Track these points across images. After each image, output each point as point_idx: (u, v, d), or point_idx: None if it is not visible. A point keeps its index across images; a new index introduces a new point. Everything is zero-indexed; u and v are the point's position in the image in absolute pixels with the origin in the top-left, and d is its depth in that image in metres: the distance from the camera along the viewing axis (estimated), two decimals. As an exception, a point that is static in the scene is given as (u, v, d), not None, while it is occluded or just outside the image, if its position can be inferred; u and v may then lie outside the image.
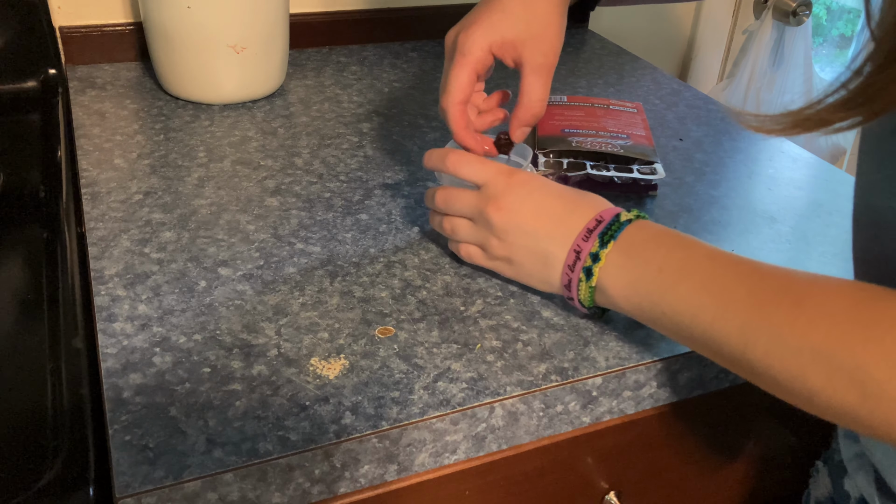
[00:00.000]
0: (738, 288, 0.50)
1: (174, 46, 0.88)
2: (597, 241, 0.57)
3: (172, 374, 0.55)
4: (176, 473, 0.48)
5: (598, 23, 1.29)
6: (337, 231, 0.71)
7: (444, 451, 0.56)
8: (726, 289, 0.50)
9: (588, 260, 0.57)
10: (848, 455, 0.62)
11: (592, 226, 0.58)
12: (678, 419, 0.67)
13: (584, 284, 0.58)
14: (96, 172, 0.77)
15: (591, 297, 0.58)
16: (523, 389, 0.56)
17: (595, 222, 0.58)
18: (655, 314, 0.55)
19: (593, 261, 0.57)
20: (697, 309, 0.51)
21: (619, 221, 0.58)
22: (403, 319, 0.61)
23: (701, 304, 0.51)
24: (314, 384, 0.55)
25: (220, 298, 0.62)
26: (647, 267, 0.55)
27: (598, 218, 0.59)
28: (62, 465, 0.49)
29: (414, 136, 0.89)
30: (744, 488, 0.78)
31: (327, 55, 1.09)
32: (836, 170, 0.92)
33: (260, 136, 0.87)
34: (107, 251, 0.66)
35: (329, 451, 0.51)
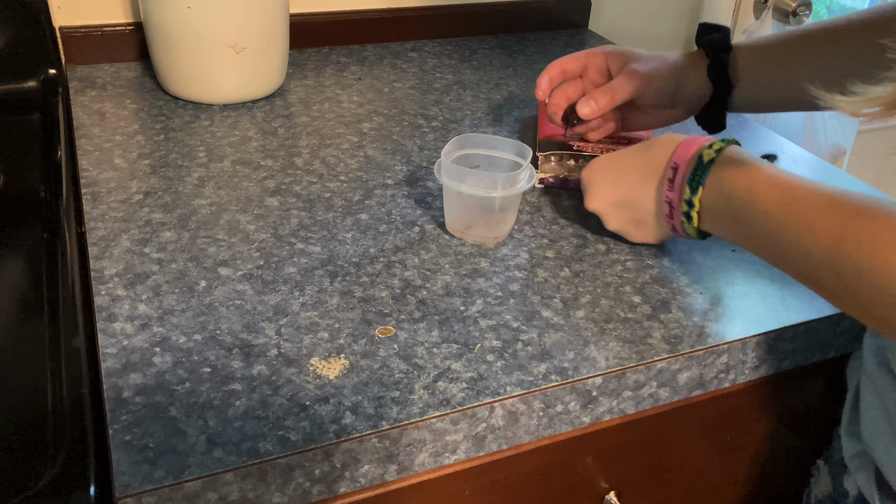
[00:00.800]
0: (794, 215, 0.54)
1: (174, 46, 0.88)
2: (687, 188, 0.61)
3: (172, 373, 0.55)
4: (176, 473, 0.48)
5: (598, 23, 1.29)
6: (337, 231, 0.71)
7: (444, 451, 0.56)
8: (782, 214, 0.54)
9: (684, 206, 0.62)
10: (849, 453, 0.62)
11: (671, 175, 0.63)
12: (678, 419, 0.67)
13: (688, 225, 0.63)
14: (96, 172, 0.77)
15: (696, 233, 0.64)
16: (523, 389, 0.56)
17: (671, 171, 0.63)
18: (737, 238, 0.60)
19: (689, 206, 0.61)
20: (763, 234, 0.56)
21: (702, 164, 0.60)
22: (403, 319, 0.61)
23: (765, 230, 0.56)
24: (314, 384, 0.55)
25: (220, 298, 0.62)
26: (720, 197, 0.59)
27: (672, 166, 0.62)
28: (62, 465, 0.49)
29: (414, 136, 0.89)
30: (744, 488, 0.78)
31: (327, 55, 1.09)
32: (836, 170, 0.92)
33: (260, 136, 0.87)
34: (107, 251, 0.66)
35: (329, 451, 0.51)
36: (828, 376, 0.73)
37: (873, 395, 0.59)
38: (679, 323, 0.64)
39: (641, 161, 0.67)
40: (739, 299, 0.67)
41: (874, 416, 0.59)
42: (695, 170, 0.61)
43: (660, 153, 0.65)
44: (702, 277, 0.69)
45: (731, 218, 0.59)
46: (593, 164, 0.70)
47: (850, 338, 0.70)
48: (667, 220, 0.65)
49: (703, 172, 0.60)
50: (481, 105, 0.97)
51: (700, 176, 0.61)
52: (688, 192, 0.61)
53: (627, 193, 0.67)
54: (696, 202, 0.61)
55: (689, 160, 0.62)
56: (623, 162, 0.68)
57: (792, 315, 0.66)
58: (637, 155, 0.67)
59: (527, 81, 1.05)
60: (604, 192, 0.69)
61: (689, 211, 0.62)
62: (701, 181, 0.60)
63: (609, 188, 0.68)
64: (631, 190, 0.67)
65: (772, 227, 0.55)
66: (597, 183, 0.69)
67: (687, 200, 0.62)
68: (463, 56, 1.12)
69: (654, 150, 0.66)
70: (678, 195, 0.63)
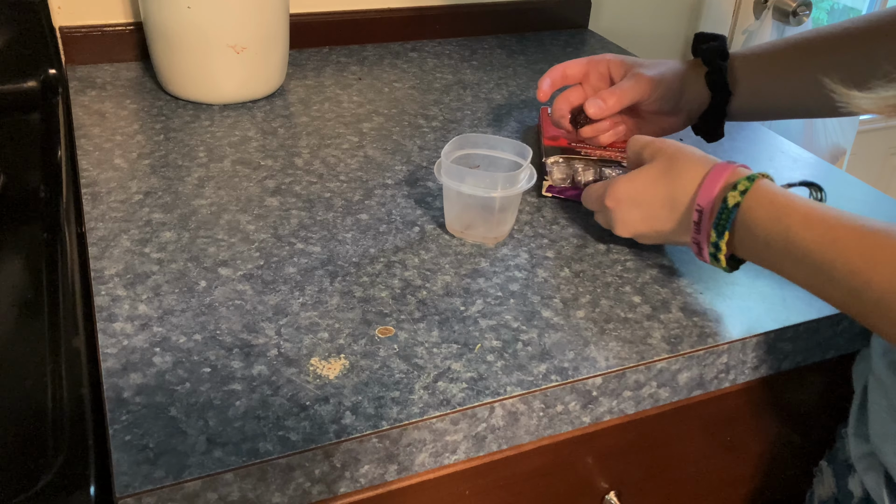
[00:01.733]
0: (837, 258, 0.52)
1: (174, 46, 0.88)
2: (713, 232, 0.60)
3: (172, 374, 0.55)
4: (176, 473, 0.48)
5: (598, 23, 1.29)
6: (337, 231, 0.71)
7: (444, 451, 0.56)
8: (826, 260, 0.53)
9: (711, 248, 0.61)
10: (857, 454, 0.62)
11: (696, 218, 0.61)
12: (678, 419, 0.67)
13: (717, 263, 0.62)
14: (96, 172, 0.77)
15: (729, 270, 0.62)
16: (523, 389, 0.56)
17: (696, 214, 0.61)
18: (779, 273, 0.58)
19: (716, 249, 0.60)
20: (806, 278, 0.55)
21: (727, 209, 0.58)
22: (403, 319, 0.61)
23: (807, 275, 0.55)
24: (314, 384, 0.55)
25: (220, 298, 0.62)
26: (755, 244, 0.58)
27: (697, 209, 0.61)
28: (62, 465, 0.49)
29: (414, 136, 0.89)
30: (744, 488, 0.78)
31: (327, 55, 1.09)
32: (836, 170, 0.92)
33: (260, 136, 0.87)
34: (107, 251, 0.66)
35: (329, 451, 0.51)
36: (828, 376, 0.73)
37: (882, 398, 0.59)
38: (679, 323, 0.64)
39: (667, 195, 0.64)
40: (739, 299, 0.67)
41: (883, 419, 0.59)
42: (720, 213, 0.59)
43: (685, 186, 0.62)
44: (702, 277, 0.69)
45: (768, 262, 0.58)
46: (616, 191, 0.66)
47: (850, 338, 0.70)
48: (697, 254, 0.63)
49: (729, 217, 0.58)
50: (481, 105, 0.97)
51: (725, 221, 0.58)
52: (714, 236, 0.60)
53: (657, 227, 0.65)
54: (723, 246, 0.59)
55: (712, 202, 0.60)
56: (649, 194, 0.65)
57: (792, 315, 0.66)
58: (662, 187, 0.64)
59: (527, 81, 1.05)
60: (632, 224, 0.67)
61: (717, 253, 0.60)
62: (727, 227, 0.58)
63: (636, 222, 0.66)
64: (660, 225, 0.65)
65: (815, 269, 0.53)
66: (622, 213, 0.67)
67: (713, 243, 0.60)
68: (463, 56, 1.12)
69: (680, 181, 0.63)
70: (705, 237, 0.61)
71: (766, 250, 0.57)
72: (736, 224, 0.58)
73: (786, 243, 0.55)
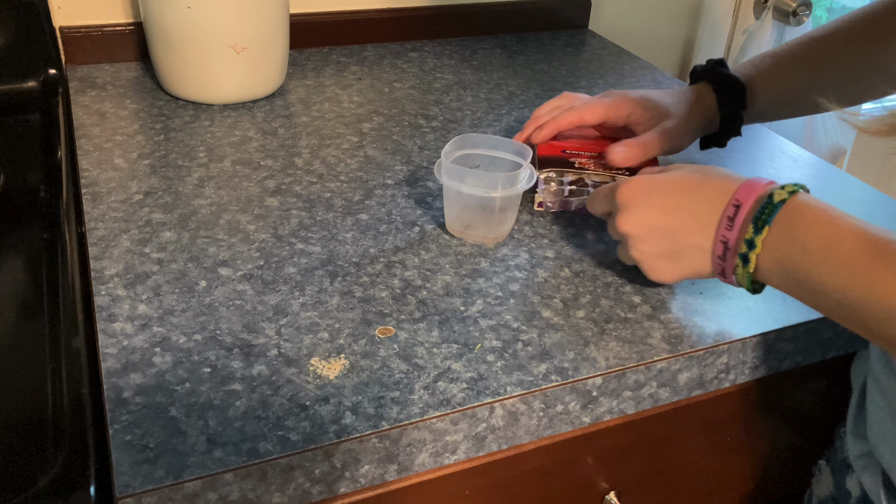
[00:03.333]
0: (884, 271, 0.49)
1: (174, 46, 0.88)
2: (750, 227, 0.55)
3: (172, 374, 0.55)
4: (176, 473, 0.48)
5: (598, 23, 1.29)
6: (337, 231, 0.71)
7: (445, 451, 0.56)
8: (871, 272, 0.49)
9: (743, 247, 0.56)
10: (855, 453, 0.62)
11: (731, 213, 0.57)
12: (678, 419, 0.67)
13: (742, 270, 0.57)
14: (96, 172, 0.77)
15: (750, 282, 0.58)
16: (523, 389, 0.56)
17: (733, 209, 0.57)
18: (803, 293, 0.54)
19: (749, 248, 0.56)
20: (842, 291, 0.51)
21: (772, 204, 0.55)
22: (403, 319, 0.61)
23: (845, 287, 0.51)
24: (314, 384, 0.55)
25: (220, 298, 0.62)
26: (793, 246, 0.54)
27: (734, 203, 0.57)
28: (62, 465, 0.49)
29: (414, 136, 0.89)
30: (744, 488, 0.78)
31: (327, 55, 1.09)
32: (836, 170, 0.92)
33: (260, 136, 0.87)
34: (107, 251, 0.66)
35: (329, 451, 0.51)
36: (828, 376, 0.73)
37: (880, 398, 0.59)
38: (679, 323, 0.64)
39: (697, 191, 0.60)
40: (739, 299, 0.67)
41: (881, 419, 0.59)
42: (763, 207, 0.55)
43: (720, 188, 0.59)
44: (702, 277, 0.69)
45: (801, 269, 0.53)
46: (635, 182, 0.62)
47: (850, 338, 0.70)
48: (717, 262, 0.59)
49: (773, 211, 0.54)
50: (481, 105, 0.97)
51: (769, 215, 0.55)
52: (751, 232, 0.55)
53: (674, 224, 0.60)
54: (759, 243, 0.55)
55: (755, 198, 0.56)
56: (676, 188, 0.61)
57: (792, 315, 0.66)
58: (693, 184, 0.60)
59: (527, 81, 1.05)
60: (646, 216, 0.61)
61: (749, 253, 0.56)
62: (768, 221, 0.54)
63: (653, 212, 0.61)
64: (680, 221, 0.60)
65: (854, 283, 0.50)
66: (638, 203, 0.61)
67: (748, 241, 0.55)
68: (463, 56, 1.12)
69: (713, 182, 0.59)
70: (737, 234, 0.56)
71: (802, 255, 0.53)
72: (776, 222, 0.55)
73: (827, 250, 0.52)
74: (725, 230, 0.57)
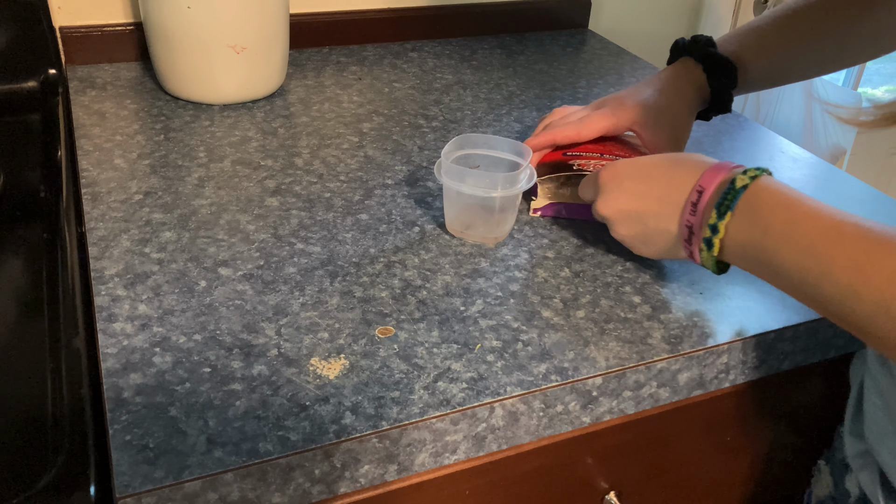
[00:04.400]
0: (840, 251, 0.50)
1: (174, 46, 0.88)
2: (714, 212, 0.57)
3: (172, 374, 0.55)
4: (176, 473, 0.48)
5: (598, 23, 1.29)
6: (337, 231, 0.71)
7: (445, 451, 0.56)
8: (827, 253, 0.51)
9: (707, 231, 0.58)
10: (852, 452, 0.62)
11: (695, 198, 0.58)
12: (678, 419, 0.67)
13: (707, 254, 0.59)
14: (96, 172, 0.77)
15: (714, 264, 0.59)
16: (523, 389, 0.56)
17: (696, 194, 0.58)
18: (766, 274, 0.56)
19: (713, 232, 0.57)
20: (802, 272, 0.52)
21: (734, 189, 0.56)
22: (403, 319, 0.61)
23: (805, 268, 0.52)
24: (314, 384, 0.55)
25: (220, 298, 0.62)
26: (753, 230, 0.55)
27: (698, 189, 0.58)
28: (62, 465, 0.49)
29: (414, 136, 0.89)
30: (744, 488, 0.78)
31: (327, 55, 1.09)
32: (836, 170, 0.92)
33: (260, 136, 0.87)
34: (107, 251, 0.66)
35: (329, 451, 0.51)
36: (828, 376, 0.73)
37: (877, 397, 0.59)
38: (679, 323, 0.64)
39: (666, 177, 0.62)
40: (739, 299, 0.67)
41: (878, 418, 0.59)
42: (725, 193, 0.56)
43: (687, 173, 0.60)
44: (702, 277, 0.69)
45: (763, 251, 0.55)
46: (615, 166, 0.65)
47: (850, 338, 0.70)
48: (684, 246, 0.61)
49: (735, 197, 0.56)
50: (481, 105, 0.97)
51: (731, 201, 0.56)
52: (714, 217, 0.57)
53: (644, 208, 0.63)
54: (722, 228, 0.56)
55: (717, 184, 0.58)
56: (647, 173, 0.63)
57: (792, 315, 0.66)
58: (662, 169, 0.63)
59: (527, 81, 1.05)
60: (619, 200, 0.64)
61: (712, 237, 0.57)
62: (731, 206, 0.56)
63: (626, 197, 0.63)
64: (648, 205, 0.62)
65: (812, 265, 0.51)
66: (613, 188, 0.64)
67: (712, 226, 0.57)
68: (463, 56, 1.12)
69: (682, 168, 0.61)
70: (700, 220, 0.58)
71: (763, 238, 0.55)
72: (738, 207, 0.56)
73: (787, 232, 0.53)
74: (689, 215, 0.59)
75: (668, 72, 0.79)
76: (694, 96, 0.78)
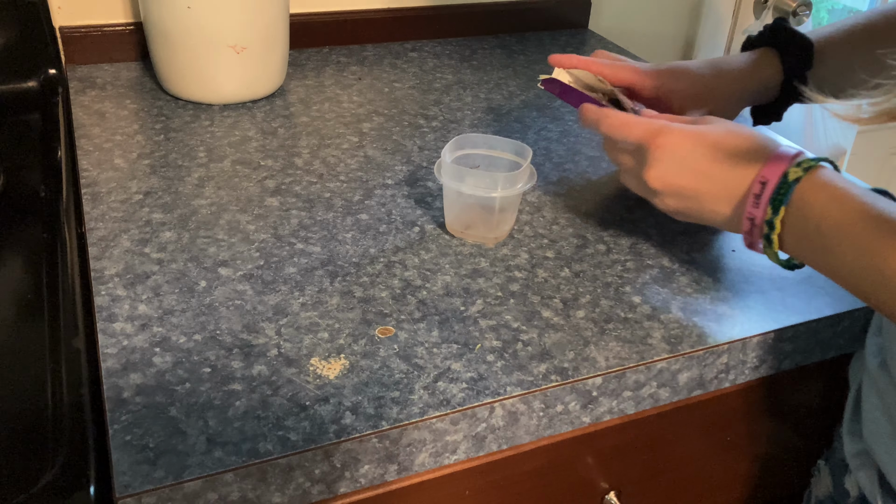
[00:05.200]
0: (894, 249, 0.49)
1: (174, 46, 0.88)
2: (769, 208, 0.56)
3: (172, 374, 0.55)
4: (176, 473, 0.48)
5: (598, 23, 1.29)
6: (337, 231, 0.71)
7: (445, 451, 0.56)
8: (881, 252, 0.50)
9: (765, 228, 0.56)
10: (850, 451, 0.62)
11: (758, 190, 0.56)
12: (678, 419, 0.67)
13: (770, 251, 0.57)
14: (96, 172, 0.77)
15: (779, 260, 0.58)
16: (523, 389, 0.56)
17: (759, 185, 0.56)
18: (824, 270, 0.55)
19: (769, 229, 0.56)
20: (857, 271, 0.51)
21: (787, 183, 0.55)
22: (403, 319, 0.61)
23: (860, 266, 0.51)
24: (314, 384, 0.55)
25: (220, 298, 0.62)
26: (807, 225, 0.54)
27: (761, 180, 0.56)
28: (62, 465, 0.49)
29: (414, 136, 0.89)
30: (744, 488, 0.78)
31: (327, 55, 1.09)
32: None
33: (260, 136, 0.87)
34: (107, 251, 0.66)
35: (329, 451, 0.51)
36: (828, 376, 0.73)
37: (875, 397, 0.59)
38: (679, 323, 0.64)
39: (730, 160, 0.59)
40: (739, 299, 0.67)
41: (876, 418, 0.59)
42: (778, 187, 0.55)
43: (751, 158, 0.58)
44: (702, 277, 0.69)
45: (818, 249, 0.54)
46: (672, 134, 0.60)
47: (850, 338, 0.70)
48: (745, 237, 0.59)
49: (787, 191, 0.55)
50: (481, 105, 0.97)
51: (783, 195, 0.55)
52: (769, 213, 0.55)
53: (704, 189, 0.60)
54: (778, 224, 0.55)
55: (779, 176, 0.56)
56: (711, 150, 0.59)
57: (792, 315, 0.66)
58: (727, 146, 0.59)
59: (527, 81, 1.05)
60: (676, 175, 0.60)
61: (770, 234, 0.56)
62: (784, 200, 0.55)
63: (687, 175, 0.60)
64: (708, 187, 0.59)
65: (868, 264, 0.50)
66: (668, 159, 0.60)
67: (768, 221, 0.56)
68: (463, 56, 1.12)
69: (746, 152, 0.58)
70: (762, 213, 0.56)
71: (816, 235, 0.53)
72: (792, 202, 0.55)
73: (839, 230, 0.52)
74: (752, 207, 0.57)
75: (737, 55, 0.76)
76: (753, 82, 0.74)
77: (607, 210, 0.78)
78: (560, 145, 0.89)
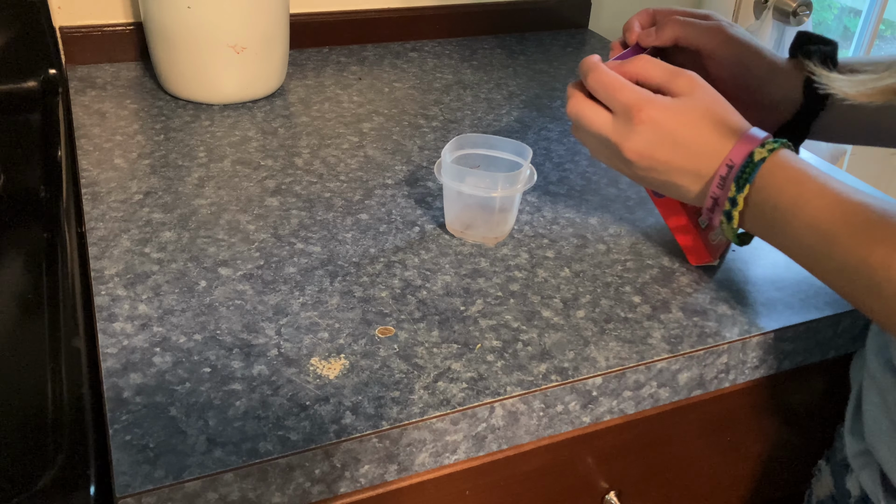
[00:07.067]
0: (842, 229, 0.51)
1: (174, 46, 0.88)
2: (733, 185, 0.57)
3: (172, 373, 0.55)
4: (176, 473, 0.48)
5: (598, 23, 1.29)
6: (337, 231, 0.71)
7: (445, 450, 0.56)
8: (830, 230, 0.52)
9: (727, 204, 0.58)
10: (852, 451, 0.62)
11: (724, 172, 0.58)
12: (678, 419, 0.67)
13: (727, 225, 0.59)
14: (96, 172, 0.77)
15: (735, 235, 0.60)
16: (523, 389, 0.56)
17: (726, 168, 0.58)
18: (779, 246, 0.57)
19: (732, 205, 0.58)
20: (807, 248, 0.54)
21: (752, 163, 0.56)
22: (403, 319, 0.61)
23: (809, 244, 0.53)
24: (314, 384, 0.55)
25: (220, 298, 0.62)
26: (765, 204, 0.56)
27: (728, 163, 0.58)
28: (62, 465, 0.49)
29: (414, 136, 0.89)
30: (745, 488, 0.78)
31: (327, 55, 1.09)
32: (836, 170, 0.92)
33: (260, 136, 0.87)
34: (107, 251, 0.66)
35: (329, 451, 0.51)
36: (828, 376, 0.73)
37: (876, 396, 0.59)
38: (679, 323, 0.64)
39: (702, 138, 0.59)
40: (739, 299, 0.67)
41: (877, 417, 0.59)
42: (744, 167, 0.57)
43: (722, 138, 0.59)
44: (702, 277, 0.69)
45: (773, 225, 0.56)
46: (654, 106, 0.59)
47: (850, 338, 0.70)
48: (706, 213, 0.61)
49: (753, 171, 0.56)
50: (481, 105, 0.97)
51: (748, 174, 0.56)
52: (733, 190, 0.57)
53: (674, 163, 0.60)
54: (741, 201, 0.57)
55: (744, 157, 0.57)
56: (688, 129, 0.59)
57: (792, 315, 0.66)
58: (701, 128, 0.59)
59: (527, 81, 1.05)
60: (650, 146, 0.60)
61: (732, 210, 0.58)
62: (749, 179, 0.56)
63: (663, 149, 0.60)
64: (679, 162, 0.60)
65: (817, 240, 0.52)
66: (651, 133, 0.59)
67: (731, 199, 0.58)
68: (463, 56, 1.12)
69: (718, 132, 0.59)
70: (725, 193, 0.58)
71: (773, 212, 0.56)
72: (755, 182, 0.56)
73: (795, 208, 0.54)
74: (717, 188, 0.59)
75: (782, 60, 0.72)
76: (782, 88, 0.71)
77: (607, 210, 0.78)
78: (560, 145, 0.89)
